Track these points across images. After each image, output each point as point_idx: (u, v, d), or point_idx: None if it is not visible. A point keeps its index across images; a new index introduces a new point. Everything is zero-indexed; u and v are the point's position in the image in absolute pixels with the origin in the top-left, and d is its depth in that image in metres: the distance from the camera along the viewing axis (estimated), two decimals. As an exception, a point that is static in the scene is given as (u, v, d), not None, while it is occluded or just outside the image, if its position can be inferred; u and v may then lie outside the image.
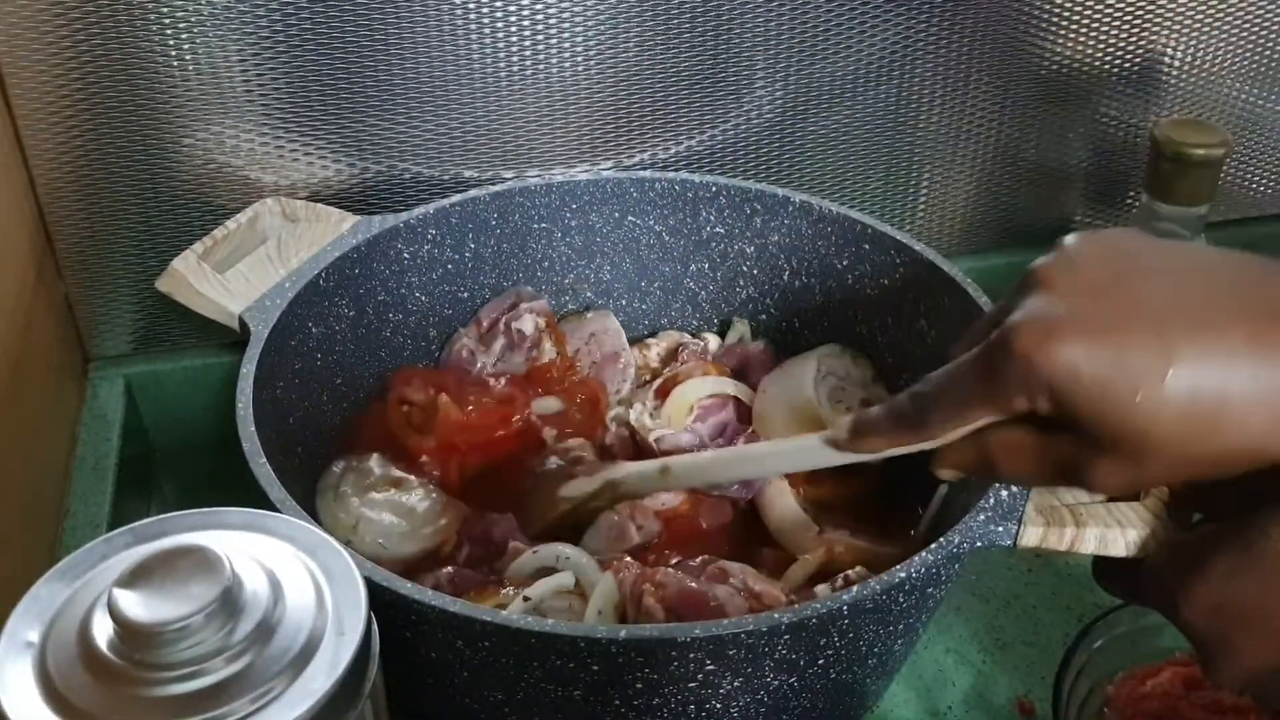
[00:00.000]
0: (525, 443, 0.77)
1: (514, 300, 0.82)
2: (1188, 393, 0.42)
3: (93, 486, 0.74)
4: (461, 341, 0.80)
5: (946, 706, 0.69)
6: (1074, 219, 0.98)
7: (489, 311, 0.81)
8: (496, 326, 0.81)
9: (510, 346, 0.80)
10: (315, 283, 0.71)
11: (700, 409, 0.78)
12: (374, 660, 0.45)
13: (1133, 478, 0.45)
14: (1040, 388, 0.44)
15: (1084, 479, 0.46)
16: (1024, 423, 0.46)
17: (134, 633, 0.40)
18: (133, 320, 0.83)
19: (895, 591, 0.55)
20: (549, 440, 0.77)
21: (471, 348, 0.79)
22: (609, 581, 0.62)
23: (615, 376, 0.82)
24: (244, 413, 0.61)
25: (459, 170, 0.83)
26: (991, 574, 0.77)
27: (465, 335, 0.80)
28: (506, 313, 0.81)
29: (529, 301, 0.81)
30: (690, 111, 0.85)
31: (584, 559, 0.65)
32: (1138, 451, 0.43)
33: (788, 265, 0.82)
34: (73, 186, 0.76)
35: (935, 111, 0.89)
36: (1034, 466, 0.47)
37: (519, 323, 0.80)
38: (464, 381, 0.78)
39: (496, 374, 0.79)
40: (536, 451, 0.76)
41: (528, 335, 0.80)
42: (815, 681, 0.57)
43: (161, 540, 0.44)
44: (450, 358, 0.80)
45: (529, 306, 0.81)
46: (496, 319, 0.81)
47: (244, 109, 0.76)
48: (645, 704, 0.54)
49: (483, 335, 0.81)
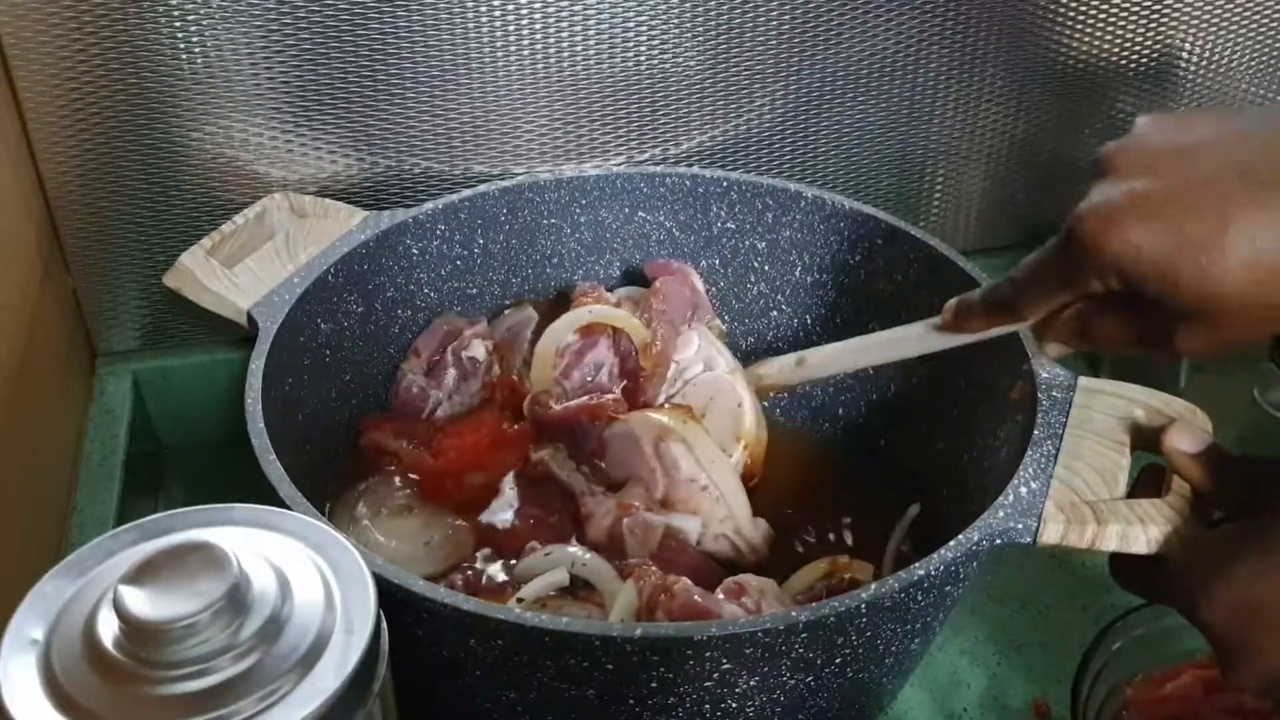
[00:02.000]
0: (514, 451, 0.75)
1: (449, 328, 0.78)
2: (1249, 251, 0.45)
3: (100, 483, 0.73)
4: (408, 378, 0.77)
5: (961, 709, 0.68)
6: (1089, 215, 0.97)
7: (426, 343, 0.78)
8: (444, 358, 0.77)
9: (463, 377, 0.77)
10: (324, 278, 0.71)
11: (570, 356, 0.75)
12: (383, 659, 0.44)
13: (1217, 339, 0.48)
14: (1109, 271, 0.48)
15: (1171, 345, 0.49)
16: (1112, 298, 0.50)
17: (139, 630, 0.39)
18: (140, 316, 0.82)
19: (914, 590, 0.54)
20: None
21: (421, 384, 0.76)
22: (630, 590, 0.61)
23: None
24: (253, 409, 0.60)
25: (468, 165, 0.82)
26: (1007, 575, 0.76)
27: (407, 370, 0.77)
28: (448, 342, 0.78)
29: (470, 326, 0.78)
30: (702, 106, 0.84)
31: (601, 565, 0.64)
32: (1214, 313, 0.46)
33: (799, 261, 0.81)
34: (80, 181, 0.76)
35: (949, 107, 0.88)
36: (1125, 338, 0.52)
37: (468, 350, 0.78)
38: (430, 426, 0.76)
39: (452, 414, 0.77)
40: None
41: (480, 361, 0.78)
42: (832, 681, 0.56)
43: (168, 537, 0.44)
44: (400, 397, 0.77)
45: (473, 331, 0.78)
46: (439, 349, 0.78)
47: (252, 103, 0.76)
48: (660, 703, 0.53)
49: (429, 369, 0.77)
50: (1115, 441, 0.59)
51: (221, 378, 0.83)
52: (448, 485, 0.73)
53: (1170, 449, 0.56)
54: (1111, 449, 0.59)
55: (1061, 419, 0.61)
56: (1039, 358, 0.63)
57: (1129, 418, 0.61)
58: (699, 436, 0.70)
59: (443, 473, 0.74)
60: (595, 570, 0.64)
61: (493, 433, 0.75)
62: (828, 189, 0.79)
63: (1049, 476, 0.57)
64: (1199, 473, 0.55)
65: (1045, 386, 0.62)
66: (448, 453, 0.74)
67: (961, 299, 0.59)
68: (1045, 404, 0.61)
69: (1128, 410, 0.61)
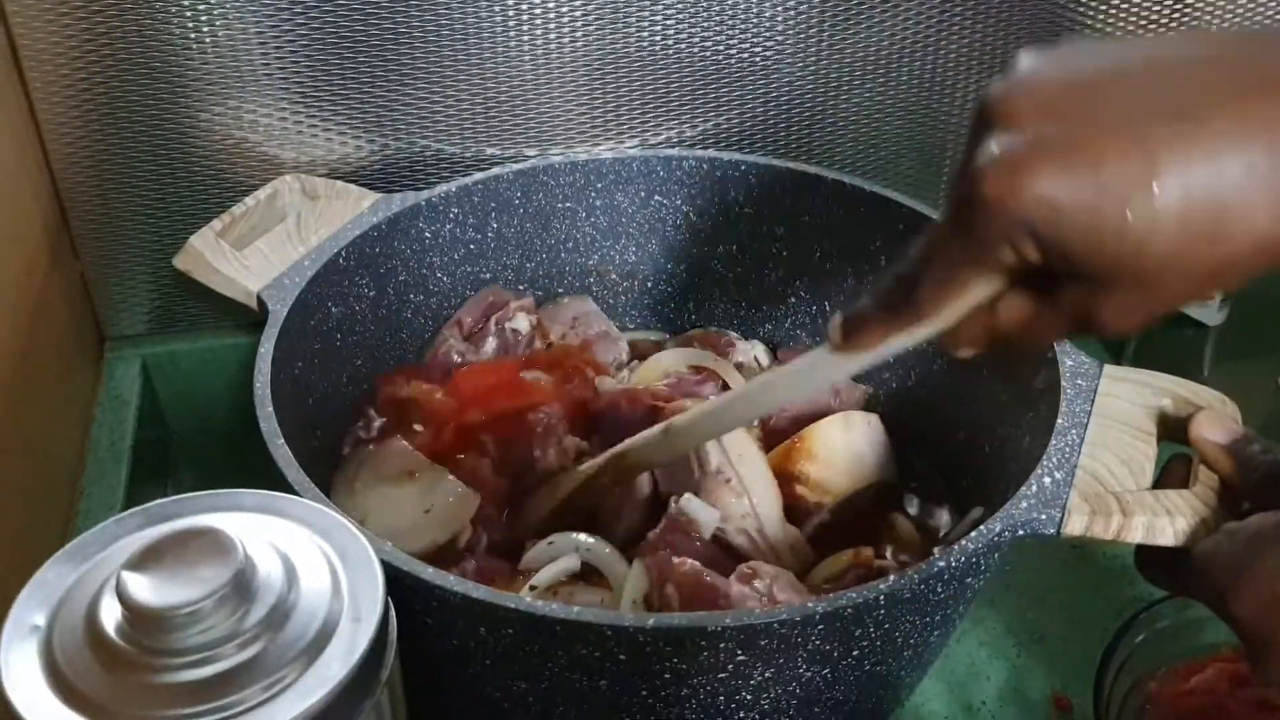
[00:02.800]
0: (529, 397, 0.73)
1: (494, 299, 0.79)
2: (1181, 198, 0.37)
3: (107, 469, 0.73)
4: (449, 344, 0.77)
5: (980, 701, 0.67)
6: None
7: (469, 311, 0.78)
8: (486, 327, 0.78)
9: (504, 348, 0.77)
10: (335, 261, 0.70)
11: (675, 378, 0.75)
12: (391, 647, 0.43)
13: (1147, 307, 0.41)
14: (1021, 232, 0.39)
15: (1098, 323, 0.42)
16: (1024, 286, 0.42)
17: (142, 617, 0.39)
18: (149, 300, 0.82)
19: (934, 581, 0.53)
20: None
21: (460, 350, 0.76)
22: (639, 572, 0.60)
23: (609, 350, 0.80)
24: (261, 393, 0.60)
25: (480, 148, 0.81)
26: (1027, 566, 0.75)
27: (449, 337, 0.77)
28: (493, 312, 0.78)
29: (516, 299, 0.79)
30: (718, 89, 0.83)
31: (605, 549, 0.63)
32: (1143, 276, 0.39)
33: (819, 247, 0.80)
34: (88, 164, 0.75)
35: (970, 91, 0.87)
36: (1045, 325, 0.43)
37: (513, 322, 0.78)
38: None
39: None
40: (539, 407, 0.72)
41: (523, 334, 0.78)
42: (849, 673, 0.55)
43: (173, 522, 0.43)
44: (436, 361, 0.76)
45: (519, 305, 0.79)
46: (481, 319, 0.78)
47: (263, 84, 0.75)
48: (673, 694, 0.52)
49: (469, 337, 0.78)
50: (1142, 431, 0.58)
51: (231, 363, 0.82)
52: (462, 437, 0.71)
53: (1198, 439, 0.55)
54: (1138, 438, 0.58)
55: (1086, 408, 0.59)
56: (1064, 346, 0.62)
57: (1156, 407, 0.59)
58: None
59: (458, 415, 0.72)
60: (599, 555, 0.63)
61: (511, 376, 0.74)
62: (846, 172, 0.78)
63: (1073, 466, 0.56)
64: (1227, 462, 0.54)
65: (1069, 374, 0.61)
66: (463, 391, 0.73)
67: (846, 312, 0.48)
68: (1069, 392, 0.60)
69: (1154, 399, 0.60)
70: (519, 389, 0.73)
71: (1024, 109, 0.40)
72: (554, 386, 0.74)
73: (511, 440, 0.70)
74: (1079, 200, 0.38)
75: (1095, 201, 0.38)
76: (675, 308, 0.85)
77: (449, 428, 0.71)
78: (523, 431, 0.70)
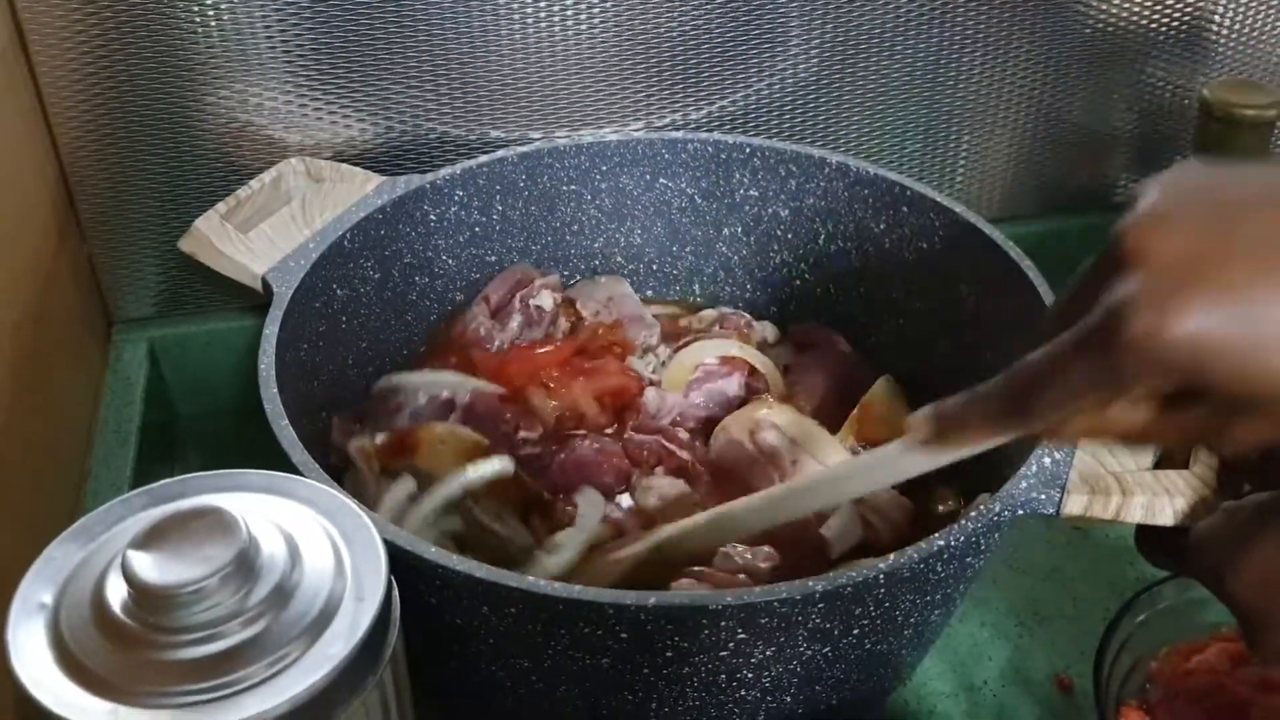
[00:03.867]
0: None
1: (521, 276, 0.79)
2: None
3: (114, 450, 0.73)
4: (478, 319, 0.77)
5: (982, 681, 0.68)
6: (1118, 184, 0.95)
7: (496, 288, 0.79)
8: (510, 304, 0.78)
9: (528, 324, 0.78)
10: (339, 244, 0.70)
11: (703, 372, 0.76)
12: (394, 626, 0.44)
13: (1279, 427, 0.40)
14: (1167, 369, 0.38)
15: (1227, 440, 0.41)
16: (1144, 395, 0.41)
17: (148, 595, 0.39)
18: (156, 283, 0.82)
19: (934, 560, 0.53)
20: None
21: (487, 325, 0.77)
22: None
23: (642, 332, 0.80)
24: (266, 374, 0.60)
25: (485, 131, 0.81)
26: (1029, 546, 0.75)
27: (478, 313, 0.78)
28: (519, 289, 0.79)
29: (542, 277, 0.80)
30: (722, 71, 0.83)
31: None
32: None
33: (823, 229, 0.80)
34: (95, 147, 0.76)
35: (974, 71, 0.87)
36: (1162, 436, 0.43)
37: (537, 299, 0.79)
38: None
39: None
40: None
41: (546, 311, 0.79)
42: (850, 652, 0.55)
43: (177, 502, 0.43)
44: (466, 337, 0.77)
45: (544, 282, 0.79)
46: (507, 296, 0.79)
47: (269, 68, 0.75)
48: (675, 673, 0.53)
49: (495, 314, 0.78)
50: (1142, 411, 0.58)
51: (238, 345, 0.83)
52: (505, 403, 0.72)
53: None
54: (1138, 419, 0.58)
55: (1087, 388, 0.59)
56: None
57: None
58: (788, 416, 0.69)
59: (505, 371, 0.73)
60: None
61: (564, 353, 0.76)
62: (850, 155, 0.78)
63: (1073, 447, 0.56)
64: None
65: (1071, 356, 0.61)
66: (517, 357, 0.75)
67: (941, 407, 0.46)
68: (1071, 373, 0.60)
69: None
70: (570, 368, 0.74)
71: (1169, 246, 0.39)
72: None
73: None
74: (1231, 340, 0.38)
75: (1247, 340, 0.37)
76: (681, 290, 0.85)
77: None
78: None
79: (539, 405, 0.72)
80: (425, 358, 0.76)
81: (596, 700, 0.56)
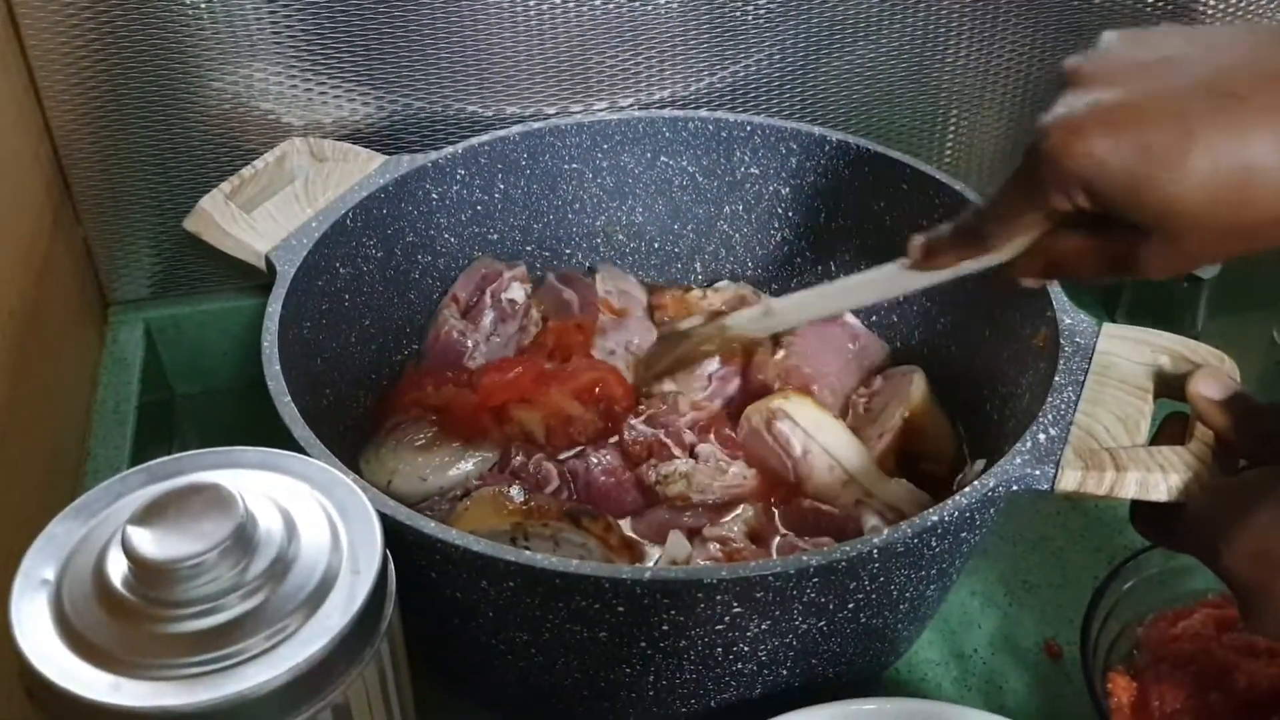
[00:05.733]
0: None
1: (487, 271, 0.79)
2: (1210, 169, 0.43)
3: (113, 430, 0.74)
4: (449, 323, 0.77)
5: (972, 649, 0.68)
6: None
7: (463, 285, 0.79)
8: (481, 300, 0.78)
9: (501, 319, 0.78)
10: (342, 223, 0.70)
11: (708, 379, 0.77)
12: (390, 599, 0.44)
13: (1179, 258, 0.47)
14: (1073, 185, 0.46)
15: (1136, 264, 0.47)
16: (1079, 226, 0.49)
17: (148, 570, 0.40)
18: (151, 264, 0.82)
19: (928, 535, 0.53)
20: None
21: (460, 328, 0.77)
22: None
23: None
24: (269, 351, 0.60)
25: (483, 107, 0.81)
26: (1019, 516, 0.76)
27: (449, 316, 0.77)
28: (487, 284, 0.78)
29: (509, 269, 0.79)
30: (712, 47, 0.82)
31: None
32: (1176, 231, 0.45)
33: (824, 207, 0.80)
34: (89, 129, 0.75)
35: (963, 48, 0.86)
36: (1092, 261, 0.49)
37: (508, 292, 0.78)
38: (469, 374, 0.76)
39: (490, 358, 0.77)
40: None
41: (519, 303, 0.78)
42: (845, 626, 0.56)
43: (176, 479, 0.44)
44: (440, 342, 0.77)
45: (512, 274, 0.79)
46: (477, 292, 0.78)
47: (270, 48, 0.75)
48: (672, 646, 0.53)
49: (466, 312, 0.78)
50: (1138, 388, 0.59)
51: (234, 325, 0.83)
52: (486, 420, 0.73)
53: (1194, 394, 0.55)
54: (1134, 395, 0.58)
55: (1084, 365, 0.60)
56: (1063, 304, 0.63)
57: (1153, 364, 0.60)
58: (801, 406, 0.70)
59: (481, 406, 0.73)
60: None
61: (535, 368, 0.75)
62: (839, 131, 0.78)
63: (1068, 423, 0.56)
64: (1223, 419, 0.54)
65: (1068, 333, 0.61)
66: (488, 386, 0.74)
67: (929, 234, 0.56)
68: (1068, 350, 0.60)
69: (1152, 357, 0.60)
70: (544, 378, 0.75)
71: (1090, 77, 0.46)
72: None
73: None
74: (1122, 160, 0.44)
75: (1136, 165, 0.44)
76: (682, 268, 0.86)
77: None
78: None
79: (525, 419, 0.73)
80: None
81: (595, 673, 0.57)
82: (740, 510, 0.68)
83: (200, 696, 0.38)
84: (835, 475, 0.68)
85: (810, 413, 0.70)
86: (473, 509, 0.63)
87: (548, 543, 0.62)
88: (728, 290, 0.83)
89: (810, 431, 0.69)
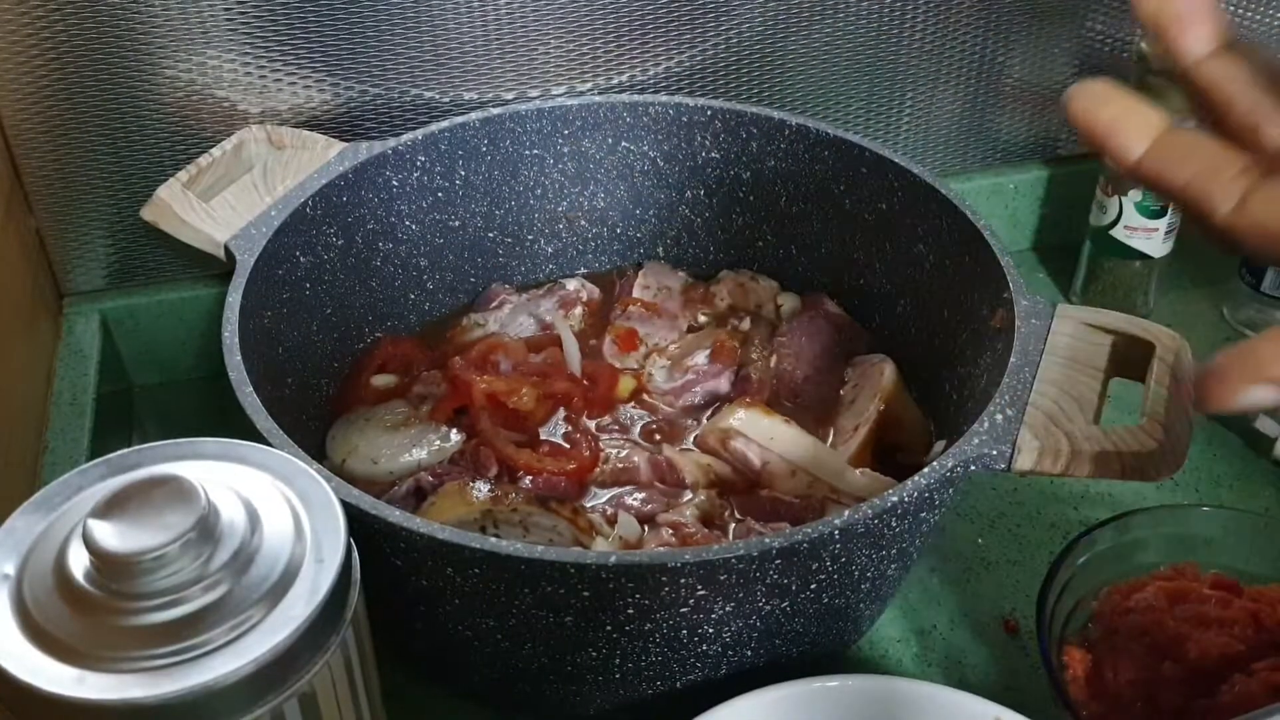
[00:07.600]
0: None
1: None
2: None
3: (71, 423, 0.73)
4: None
5: (932, 625, 0.69)
6: (1059, 138, 0.96)
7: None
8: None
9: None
10: (302, 211, 0.70)
11: (695, 374, 0.77)
12: (355, 587, 0.44)
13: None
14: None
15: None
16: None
17: (110, 563, 0.40)
18: (107, 254, 0.81)
19: (888, 516, 0.54)
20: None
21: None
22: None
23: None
24: (230, 341, 0.60)
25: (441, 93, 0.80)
26: (976, 494, 0.77)
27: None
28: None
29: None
30: (670, 31, 0.82)
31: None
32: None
33: (784, 191, 0.80)
34: (40, 117, 0.74)
35: (918, 28, 0.87)
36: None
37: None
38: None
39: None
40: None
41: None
42: (808, 606, 0.56)
43: (136, 471, 0.44)
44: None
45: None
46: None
47: (225, 33, 0.74)
48: (637, 629, 0.54)
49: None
50: (1092, 367, 0.59)
51: (191, 316, 0.82)
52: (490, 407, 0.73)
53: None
54: (1088, 375, 0.59)
55: (1039, 346, 0.60)
56: (1018, 285, 0.63)
57: (1106, 344, 0.60)
58: (751, 420, 0.70)
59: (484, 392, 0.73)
60: None
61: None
62: (797, 113, 0.78)
63: (1024, 404, 0.57)
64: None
65: (1024, 314, 0.62)
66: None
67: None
68: (1023, 331, 0.61)
69: (1105, 337, 0.61)
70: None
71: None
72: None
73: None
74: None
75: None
76: (645, 252, 0.86)
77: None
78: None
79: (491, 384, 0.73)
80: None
81: (561, 657, 0.57)
82: (694, 496, 0.68)
83: (165, 688, 0.38)
84: (799, 479, 0.68)
85: (761, 424, 0.70)
86: (439, 502, 0.63)
87: (517, 529, 0.62)
88: (728, 280, 0.84)
89: (764, 444, 0.69)
